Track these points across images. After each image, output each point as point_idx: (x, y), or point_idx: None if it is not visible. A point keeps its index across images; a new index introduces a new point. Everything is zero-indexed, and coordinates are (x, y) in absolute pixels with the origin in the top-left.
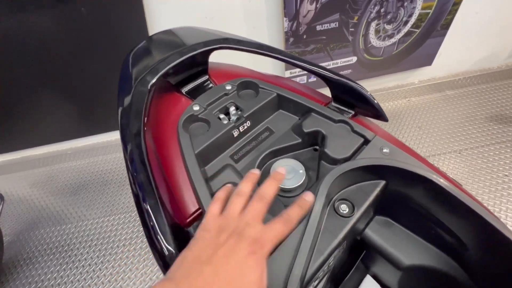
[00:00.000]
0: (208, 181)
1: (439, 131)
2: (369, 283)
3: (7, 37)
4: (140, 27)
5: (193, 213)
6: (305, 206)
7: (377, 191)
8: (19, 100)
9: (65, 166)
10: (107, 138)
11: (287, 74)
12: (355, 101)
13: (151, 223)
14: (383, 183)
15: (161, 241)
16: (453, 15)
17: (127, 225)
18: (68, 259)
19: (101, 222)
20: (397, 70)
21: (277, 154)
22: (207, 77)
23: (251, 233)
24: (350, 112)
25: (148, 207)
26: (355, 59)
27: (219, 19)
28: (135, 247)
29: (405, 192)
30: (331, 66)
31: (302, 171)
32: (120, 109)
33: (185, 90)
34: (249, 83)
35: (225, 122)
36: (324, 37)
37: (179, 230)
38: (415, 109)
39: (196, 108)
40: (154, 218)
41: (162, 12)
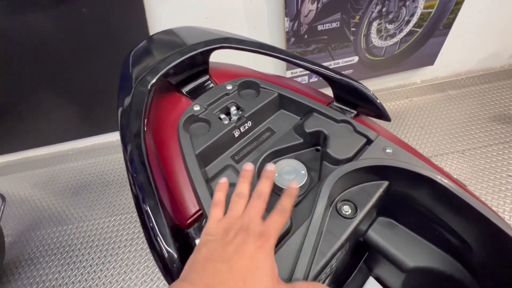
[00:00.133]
0: (209, 182)
1: (441, 131)
2: (372, 285)
3: (7, 37)
4: (141, 27)
5: (193, 215)
6: (293, 194)
7: (380, 192)
8: (20, 100)
9: (66, 167)
10: (108, 139)
11: (288, 74)
12: (358, 101)
13: (151, 225)
14: (386, 183)
15: (160, 243)
16: (455, 14)
17: (128, 225)
18: (69, 259)
19: (102, 223)
20: (399, 70)
21: (278, 154)
22: (207, 77)
23: (256, 228)
24: (352, 112)
25: (148, 208)
26: (356, 59)
27: (220, 19)
28: (136, 247)
29: (408, 193)
30: (333, 66)
31: (304, 172)
32: (120, 109)
33: (185, 90)
34: (250, 83)
35: (226, 122)
36: (326, 37)
37: (179, 231)
38: (417, 109)
39: (197, 108)
40: (153, 220)
41: (162, 12)
